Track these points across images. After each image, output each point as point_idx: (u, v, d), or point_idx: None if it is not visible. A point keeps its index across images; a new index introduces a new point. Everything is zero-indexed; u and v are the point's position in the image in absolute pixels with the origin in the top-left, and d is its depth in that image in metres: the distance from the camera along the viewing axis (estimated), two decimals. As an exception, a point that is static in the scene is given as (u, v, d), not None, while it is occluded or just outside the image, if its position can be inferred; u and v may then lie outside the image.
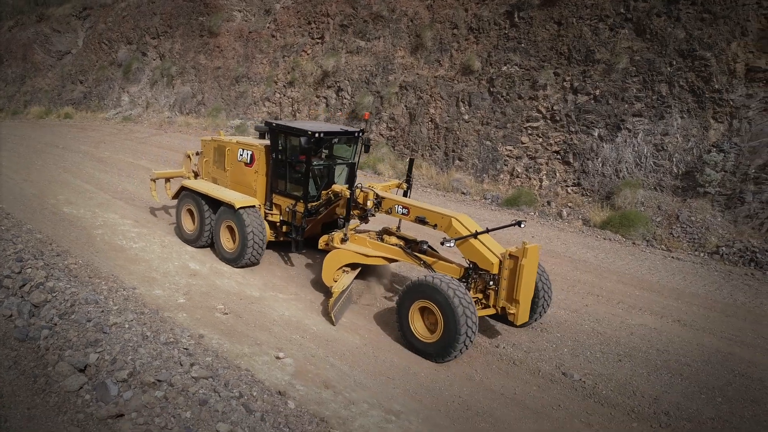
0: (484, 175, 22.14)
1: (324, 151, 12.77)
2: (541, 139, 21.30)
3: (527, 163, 21.39)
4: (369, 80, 27.08)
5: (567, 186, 20.44)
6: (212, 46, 35.69)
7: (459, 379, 9.19)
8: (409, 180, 12.98)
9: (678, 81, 18.86)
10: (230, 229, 12.97)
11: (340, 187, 11.99)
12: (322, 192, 12.48)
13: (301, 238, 12.77)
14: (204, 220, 13.49)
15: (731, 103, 18.08)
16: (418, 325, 9.73)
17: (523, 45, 22.42)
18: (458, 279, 10.05)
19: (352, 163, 13.22)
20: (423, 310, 9.65)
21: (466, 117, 23.16)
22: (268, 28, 33.12)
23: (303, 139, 11.58)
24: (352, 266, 11.66)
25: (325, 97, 29.14)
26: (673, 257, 16.19)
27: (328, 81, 29.00)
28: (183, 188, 14.19)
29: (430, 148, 23.96)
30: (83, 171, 22.28)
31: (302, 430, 7.11)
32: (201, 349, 8.88)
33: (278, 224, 13.25)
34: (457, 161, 22.92)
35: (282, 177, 12.87)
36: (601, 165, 19.89)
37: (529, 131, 21.56)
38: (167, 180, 15.90)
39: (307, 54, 30.73)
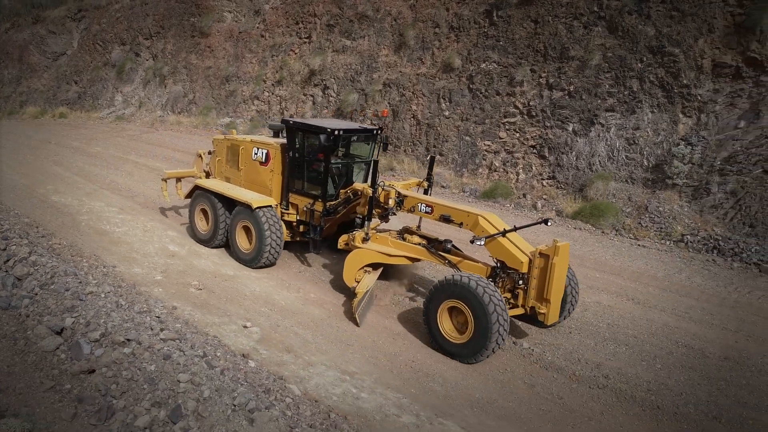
0: (464, 169, 22.76)
1: (341, 149, 12.52)
2: (518, 134, 21.93)
3: (505, 158, 22.01)
4: (354, 78, 27.72)
5: (542, 179, 21.06)
6: (203, 47, 36.32)
7: (414, 346, 9.82)
8: (429, 178, 12.73)
9: (648, 77, 19.50)
10: (246, 230, 12.76)
11: (361, 185, 11.68)
12: (341, 191, 12.24)
13: (319, 238, 12.49)
14: (218, 220, 13.28)
15: (699, 97, 18.73)
16: (446, 326, 9.49)
17: (501, 43, 23.07)
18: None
19: (371, 162, 12.68)
20: (451, 310, 9.43)
21: (447, 113, 23.79)
22: (258, 28, 33.77)
23: (323, 137, 11.36)
24: (374, 266, 11.33)
25: (311, 95, 29.78)
26: (639, 245, 16.81)
27: (314, 79, 29.65)
28: (196, 187, 13.98)
29: (412, 144, 24.58)
30: (73, 164, 22.90)
31: (259, 384, 7.70)
32: (172, 318, 9.48)
33: (295, 224, 13.06)
34: (438, 156, 23.53)
35: (299, 176, 12.65)
36: (575, 159, 20.52)
37: (507, 126, 22.19)
38: (178, 180, 15.70)
39: (295, 53, 31.38)
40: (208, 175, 15.34)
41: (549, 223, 9.74)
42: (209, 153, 15.41)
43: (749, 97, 17.98)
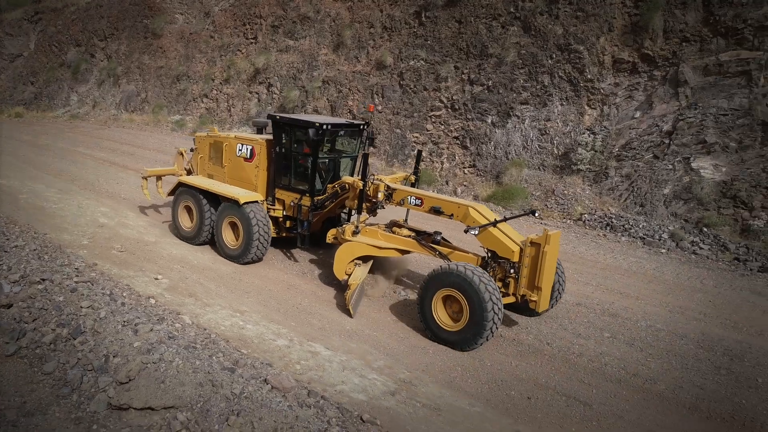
0: (394, 160, 24.27)
1: (326, 144, 12.46)
2: (443, 126, 23.52)
3: (431, 148, 23.58)
4: (296, 76, 29.17)
5: (464, 167, 22.66)
6: (155, 47, 37.43)
7: (303, 294, 11.27)
8: (417, 172, 12.85)
9: (557, 72, 21.24)
10: (233, 225, 12.75)
11: (351, 179, 11.72)
12: (328, 185, 12.29)
13: (307, 232, 12.51)
14: (204, 216, 13.18)
15: (602, 91, 20.52)
16: (441, 314, 9.63)
17: (429, 42, 24.68)
18: None
19: (356, 156, 13.00)
20: (446, 299, 9.58)
21: (380, 108, 25.32)
22: (207, 29, 35.02)
23: (311, 131, 11.43)
24: (363, 259, 11.40)
25: (257, 93, 31.16)
26: (543, 224, 18.40)
27: (259, 77, 31.03)
28: (180, 184, 13.84)
29: (348, 137, 26.06)
30: (22, 154, 23.87)
31: (155, 314, 9.03)
32: (89, 270, 10.74)
33: (281, 219, 13.11)
34: (371, 148, 24.98)
35: (286, 171, 12.69)
36: (493, 148, 22.16)
37: (433, 119, 23.77)
38: (159, 178, 15.53)
39: (242, 53, 32.71)
40: (189, 172, 15.07)
41: (536, 214, 10.34)
42: (191, 150, 15.22)
43: (644, 90, 19.82)
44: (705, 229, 16.92)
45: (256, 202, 12.55)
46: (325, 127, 11.61)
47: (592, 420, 7.76)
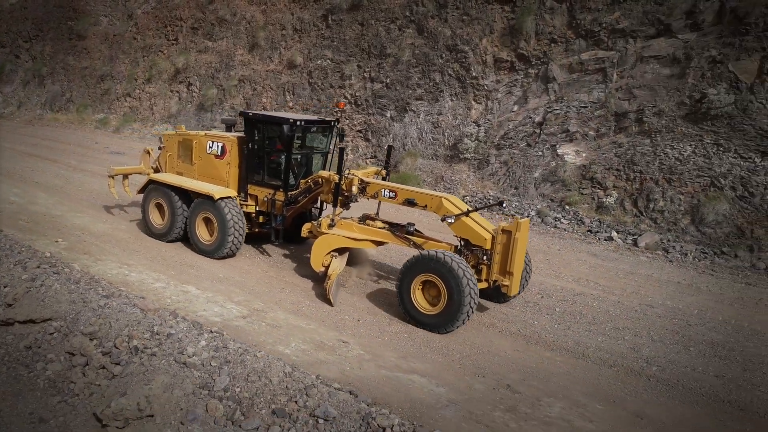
0: (303, 153, 26.04)
1: (297, 141, 12.60)
2: (348, 121, 25.41)
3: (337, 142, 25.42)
4: (214, 75, 30.74)
5: (366, 159, 24.61)
6: (80, 48, 38.34)
7: (190, 254, 12.94)
8: (387, 166, 13.18)
9: (447, 70, 23.39)
10: (207, 221, 13.00)
11: (327, 173, 11.95)
12: (301, 181, 12.55)
13: (281, 227, 12.82)
14: (176, 213, 13.35)
15: (485, 87, 22.74)
16: (419, 299, 10.07)
17: (335, 43, 26.60)
18: None
19: (327, 152, 13.35)
20: (424, 284, 10.02)
21: (291, 104, 27.10)
22: (130, 31, 36.18)
23: (286, 127, 11.73)
24: (339, 251, 11.71)
25: (177, 92, 32.57)
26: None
27: (180, 77, 32.45)
28: (151, 182, 14.01)
29: (262, 132, 27.76)
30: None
31: (48, 263, 10.58)
32: (-7, 235, 12.20)
33: (253, 215, 13.37)
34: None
35: (259, 167, 12.91)
36: (392, 140, 24.16)
37: (339, 114, 25.60)
38: (125, 176, 15.59)
39: (164, 54, 34.04)
40: (157, 171, 14.98)
41: (504, 205, 11.16)
42: (159, 149, 15.21)
43: (521, 86, 22.10)
44: (567, 207, 19.22)
45: (230, 197, 12.79)
46: (299, 123, 11.93)
47: (403, 333, 9.72)
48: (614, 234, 17.43)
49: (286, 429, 6.02)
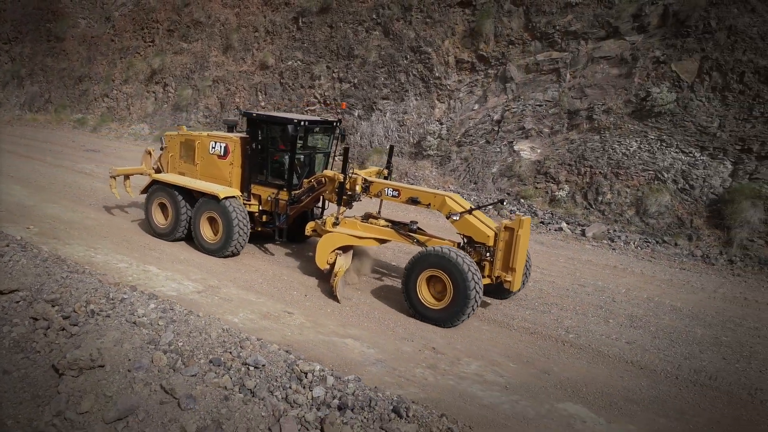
0: (275, 150, 26.90)
1: (299, 141, 12.70)
2: (317, 120, 26.30)
3: (307, 139, 26.33)
4: (189, 76, 31.56)
5: (336, 155, 25.44)
6: (58, 50, 39.01)
7: (155, 240, 13.76)
8: (389, 166, 13.39)
9: (412, 71, 24.35)
10: (211, 221, 13.07)
11: (332, 172, 12.11)
12: (304, 180, 12.68)
13: (285, 225, 12.95)
14: (180, 213, 13.39)
15: (448, 87, 23.71)
16: (425, 293, 10.25)
17: (305, 44, 27.51)
18: None
19: (329, 152, 13.65)
20: (429, 280, 10.21)
21: (263, 104, 27.96)
22: (108, 33, 36.92)
23: (290, 127, 11.87)
24: (344, 249, 11.76)
25: (154, 92, 33.36)
26: (392, 199, 21.33)
27: (156, 78, 33.25)
28: (154, 182, 14.06)
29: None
30: None
31: (19, 245, 11.37)
32: (-34, 221, 12.98)
33: (257, 214, 13.45)
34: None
35: (262, 167, 13.04)
36: (360, 138, 25.08)
37: (310, 113, 26.52)
38: (126, 177, 15.61)
39: (140, 55, 34.82)
40: (158, 171, 15.06)
41: (504, 203, 11.91)
42: (161, 149, 15.28)
43: (482, 86, 23.10)
44: (522, 200, 20.20)
45: (235, 197, 12.89)
46: (302, 123, 12.13)
47: (346, 306, 10.61)
48: (564, 225, 18.44)
49: (221, 375, 6.86)
